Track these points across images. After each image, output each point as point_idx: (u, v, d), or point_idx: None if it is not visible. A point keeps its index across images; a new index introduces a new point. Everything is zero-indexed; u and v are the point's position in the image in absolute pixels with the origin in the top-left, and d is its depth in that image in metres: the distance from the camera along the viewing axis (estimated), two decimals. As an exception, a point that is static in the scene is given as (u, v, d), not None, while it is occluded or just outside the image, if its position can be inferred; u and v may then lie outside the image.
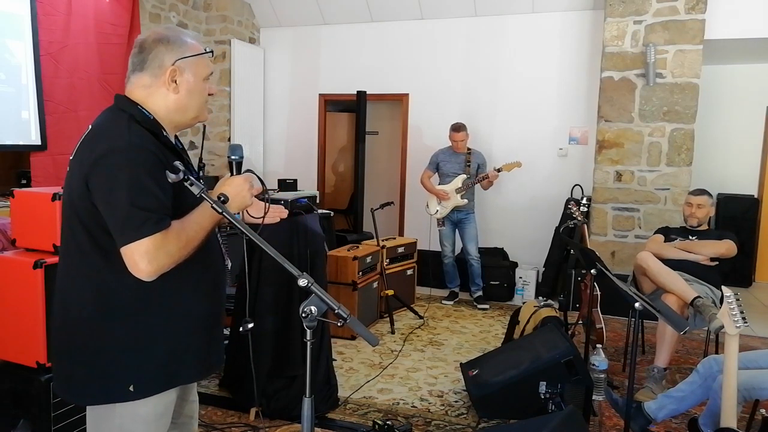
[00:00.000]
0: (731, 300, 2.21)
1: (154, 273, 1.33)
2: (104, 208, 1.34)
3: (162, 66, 1.45)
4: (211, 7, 6.40)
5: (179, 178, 1.32)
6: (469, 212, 5.25)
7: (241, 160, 1.57)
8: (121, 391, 1.41)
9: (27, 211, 2.31)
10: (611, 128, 5.26)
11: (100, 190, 1.33)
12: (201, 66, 1.51)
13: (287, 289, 2.95)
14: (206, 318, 1.54)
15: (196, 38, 1.53)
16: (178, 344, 1.47)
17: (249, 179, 1.53)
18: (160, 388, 1.46)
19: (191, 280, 1.48)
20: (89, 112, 4.78)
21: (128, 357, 1.41)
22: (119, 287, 1.39)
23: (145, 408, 1.45)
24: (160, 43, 1.45)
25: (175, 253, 1.35)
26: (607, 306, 3.82)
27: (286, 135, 6.99)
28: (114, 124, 1.40)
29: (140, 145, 1.36)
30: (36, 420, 2.25)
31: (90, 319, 1.41)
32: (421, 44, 6.28)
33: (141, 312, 1.41)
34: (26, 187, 3.18)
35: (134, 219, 1.30)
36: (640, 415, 2.67)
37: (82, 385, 1.44)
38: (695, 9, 4.95)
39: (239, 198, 1.48)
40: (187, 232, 1.37)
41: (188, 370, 1.52)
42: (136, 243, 1.30)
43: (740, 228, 5.73)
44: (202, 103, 1.54)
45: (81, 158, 1.39)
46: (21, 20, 4.26)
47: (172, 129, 1.52)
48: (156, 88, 1.46)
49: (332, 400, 3.09)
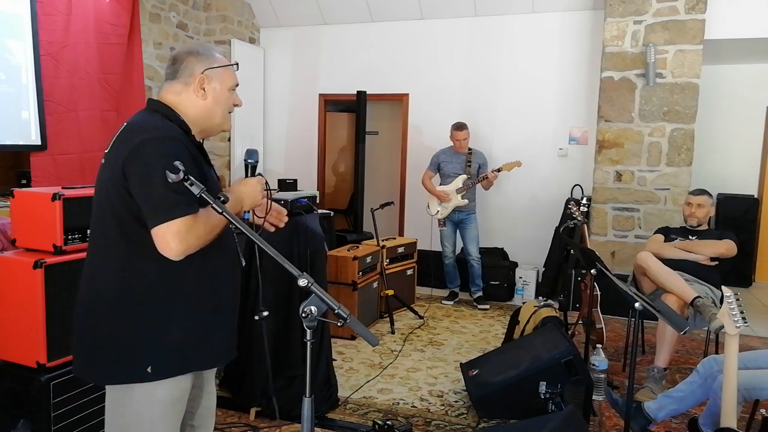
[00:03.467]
0: (731, 300, 2.21)
1: (183, 252, 1.43)
2: (139, 191, 1.44)
3: (192, 74, 1.60)
4: (211, 7, 6.40)
5: (179, 178, 1.38)
6: (470, 212, 5.25)
7: (256, 164, 1.73)
8: (140, 371, 1.49)
9: (27, 211, 2.31)
10: (611, 128, 5.26)
11: (137, 176, 1.44)
12: (227, 76, 1.66)
13: (287, 289, 2.95)
14: (222, 307, 1.62)
15: (223, 53, 1.70)
16: (195, 330, 1.55)
17: (261, 181, 1.67)
18: (177, 371, 1.54)
19: (209, 270, 1.57)
20: (89, 112, 4.79)
21: (147, 340, 1.50)
22: (141, 273, 1.48)
23: (162, 392, 1.52)
24: (190, 55, 1.61)
25: (203, 236, 1.45)
26: (607, 306, 3.82)
27: (286, 135, 7.00)
28: (150, 119, 1.54)
29: (174, 136, 1.50)
30: (36, 420, 2.24)
31: (113, 303, 1.50)
32: (421, 44, 6.28)
33: (161, 298, 1.50)
34: (26, 187, 3.18)
35: (168, 201, 1.41)
36: (640, 415, 2.66)
37: (102, 366, 1.52)
38: (695, 9, 4.95)
39: (252, 197, 1.63)
40: (212, 220, 1.47)
41: (204, 356, 1.60)
42: (168, 223, 1.40)
43: (740, 228, 5.72)
44: (227, 111, 1.68)
45: (118, 150, 1.49)
46: (21, 20, 4.26)
47: (198, 134, 1.65)
48: (186, 95, 1.60)
49: (332, 400, 3.09)
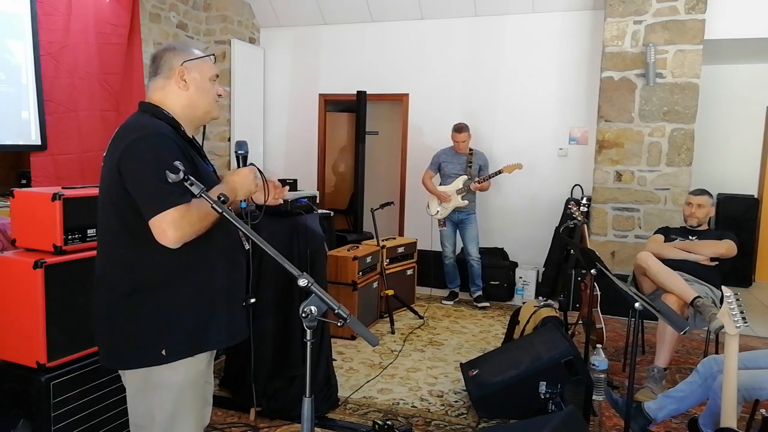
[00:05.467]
0: (731, 300, 2.21)
1: (179, 239, 1.51)
2: (134, 186, 1.53)
3: (172, 68, 1.69)
4: (211, 7, 6.39)
5: (179, 178, 1.42)
6: (470, 213, 5.25)
7: (247, 154, 1.81)
8: (155, 354, 1.59)
9: (27, 211, 2.30)
10: (611, 128, 5.26)
11: (131, 171, 1.54)
12: (206, 67, 1.74)
13: (287, 289, 2.95)
14: (227, 290, 1.71)
15: (199, 48, 1.79)
16: (204, 313, 1.65)
17: (253, 170, 1.74)
18: (190, 352, 1.64)
19: (212, 257, 1.66)
20: (89, 112, 4.78)
21: (159, 325, 1.60)
22: (147, 264, 1.58)
23: (179, 375, 1.63)
24: (168, 51, 1.71)
25: (196, 223, 1.53)
26: (607, 306, 3.82)
27: (286, 135, 7.00)
28: (140, 119, 1.65)
29: (161, 133, 1.58)
30: (36, 420, 2.24)
31: (124, 293, 1.60)
32: (421, 44, 6.28)
33: (168, 285, 1.60)
34: (26, 187, 3.18)
35: (161, 192, 1.49)
36: (640, 415, 2.66)
37: (120, 352, 1.64)
38: (695, 9, 4.95)
39: (245, 187, 1.70)
40: (204, 207, 1.53)
41: (214, 336, 1.68)
42: (163, 213, 1.49)
43: (740, 228, 5.73)
44: (211, 100, 1.76)
45: (113, 151, 1.59)
46: (21, 20, 4.26)
47: (189, 126, 1.73)
48: (170, 89, 1.70)
49: (332, 400, 3.09)
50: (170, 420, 1.65)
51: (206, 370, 1.77)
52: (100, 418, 2.40)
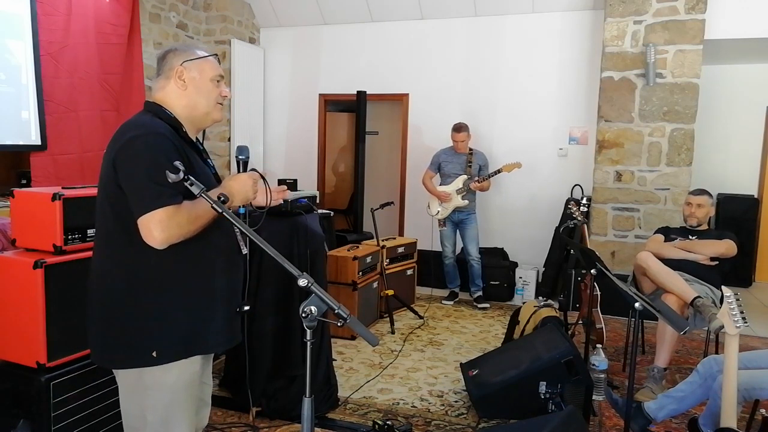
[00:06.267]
0: (731, 300, 2.21)
1: (165, 241, 1.49)
2: (127, 184, 1.53)
3: (172, 68, 1.70)
4: (211, 7, 6.39)
5: (179, 178, 1.42)
6: (470, 213, 5.25)
7: (247, 160, 1.80)
8: (146, 356, 1.58)
9: (27, 211, 2.30)
10: (611, 128, 5.26)
11: (124, 169, 1.53)
12: (207, 67, 1.73)
13: (287, 289, 2.95)
14: (223, 294, 1.69)
15: (204, 49, 1.79)
16: (198, 316, 1.63)
17: (253, 176, 1.71)
18: (181, 355, 1.62)
19: (207, 260, 1.65)
20: (89, 112, 4.78)
21: (152, 326, 1.58)
22: (142, 264, 1.57)
23: (172, 377, 1.61)
24: (170, 52, 1.73)
25: (185, 225, 1.51)
26: (607, 306, 3.82)
27: (286, 135, 7.00)
28: (140, 118, 1.65)
29: (160, 132, 1.57)
30: (36, 420, 2.24)
31: (119, 293, 1.59)
32: (421, 44, 6.28)
33: (163, 286, 1.59)
34: (26, 187, 3.18)
35: (152, 191, 1.48)
36: (640, 415, 2.66)
37: (112, 351, 1.62)
38: (695, 9, 4.95)
39: (242, 193, 1.66)
40: (197, 210, 1.53)
41: (207, 340, 1.67)
42: (151, 213, 1.47)
43: (740, 228, 5.73)
44: (212, 100, 1.74)
45: (110, 149, 1.59)
46: (21, 20, 4.25)
47: (191, 127, 1.73)
48: (170, 88, 1.70)
49: (332, 400, 3.09)
50: (163, 422, 1.63)
51: (201, 372, 1.76)
52: (100, 418, 2.41)
